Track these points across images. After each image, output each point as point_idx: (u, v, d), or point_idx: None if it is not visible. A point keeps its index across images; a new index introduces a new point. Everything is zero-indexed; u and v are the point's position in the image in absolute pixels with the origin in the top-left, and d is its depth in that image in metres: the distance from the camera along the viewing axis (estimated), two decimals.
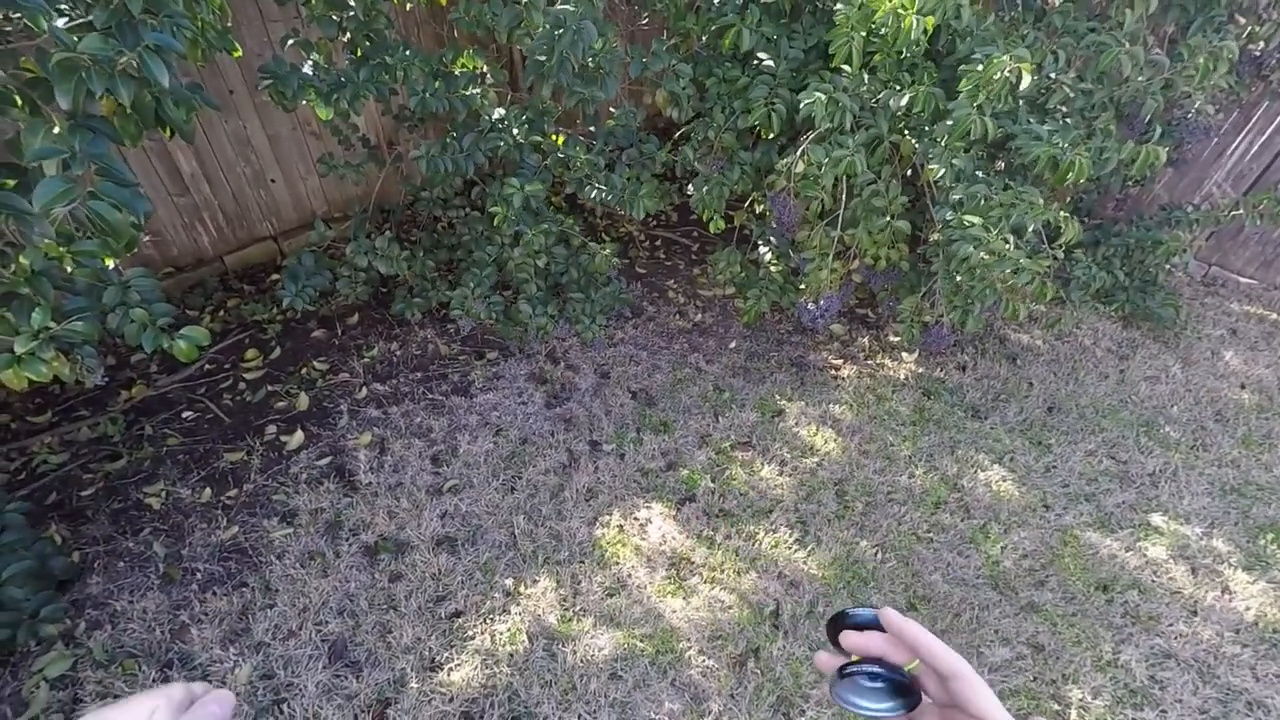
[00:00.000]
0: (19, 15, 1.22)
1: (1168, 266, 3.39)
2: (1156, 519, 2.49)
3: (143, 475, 2.39)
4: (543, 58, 2.15)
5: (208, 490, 2.36)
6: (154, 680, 1.83)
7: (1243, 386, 3.13)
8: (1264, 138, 3.44)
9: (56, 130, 1.33)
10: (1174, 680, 2.01)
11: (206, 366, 2.85)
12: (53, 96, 1.26)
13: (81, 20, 1.29)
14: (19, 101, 1.35)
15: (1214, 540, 2.42)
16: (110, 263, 1.72)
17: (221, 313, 3.11)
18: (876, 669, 0.50)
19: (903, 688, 0.49)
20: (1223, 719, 1.93)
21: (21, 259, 1.45)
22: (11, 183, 1.45)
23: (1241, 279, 3.85)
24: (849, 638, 0.52)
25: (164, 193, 2.95)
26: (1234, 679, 2.02)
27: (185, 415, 2.63)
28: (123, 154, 2.70)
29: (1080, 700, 1.95)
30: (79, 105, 1.26)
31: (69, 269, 1.58)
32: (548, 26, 2.07)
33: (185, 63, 2.46)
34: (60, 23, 1.27)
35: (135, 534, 2.21)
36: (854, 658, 0.52)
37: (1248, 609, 2.21)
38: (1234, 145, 3.54)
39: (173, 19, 1.37)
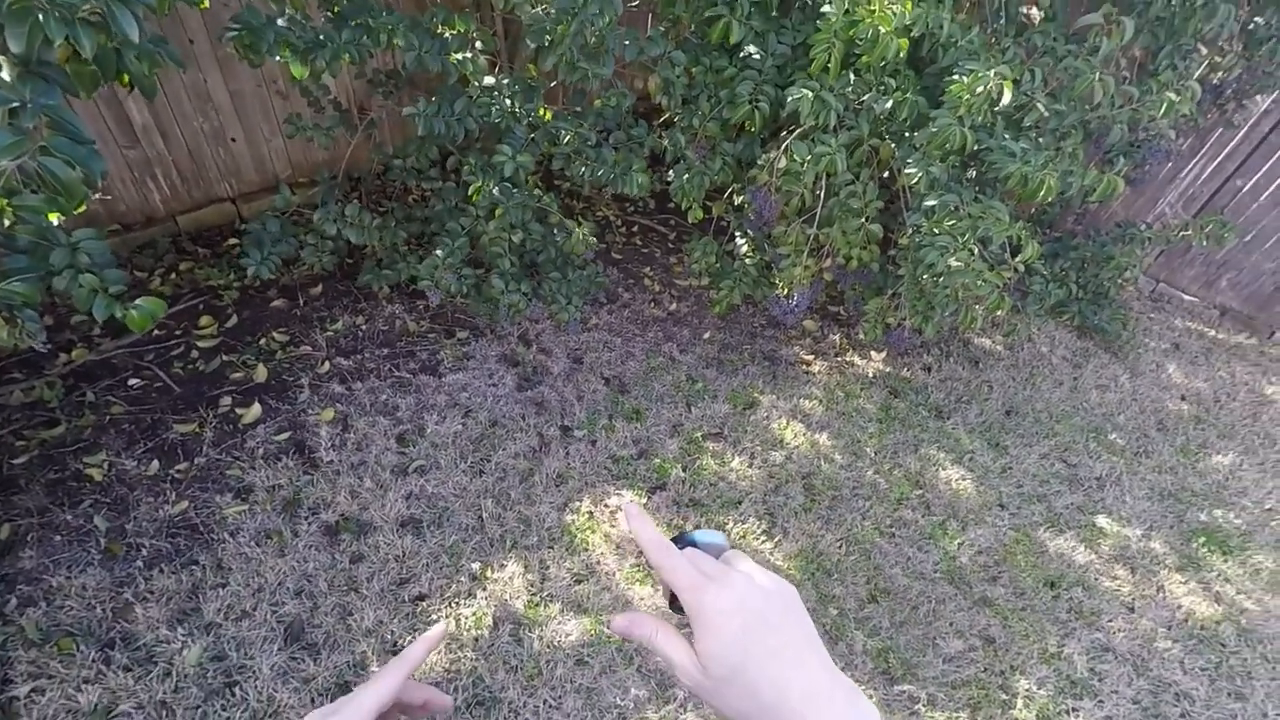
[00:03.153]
0: None
1: (1120, 281, 3.54)
2: (1101, 520, 2.62)
3: (83, 444, 2.25)
4: (550, 26, 2.08)
5: (155, 463, 2.24)
6: (94, 660, 1.73)
7: (1183, 398, 3.32)
8: (1215, 164, 3.62)
9: (5, 76, 1.21)
10: (1111, 672, 2.12)
11: (156, 332, 2.69)
12: (2, 38, 1.15)
13: None
14: None
15: (1152, 542, 2.56)
16: (55, 219, 1.60)
17: (173, 276, 2.94)
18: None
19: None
20: (1154, 709, 2.05)
21: None
22: None
23: (1185, 296, 4.07)
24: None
25: (113, 144, 2.76)
26: (1165, 672, 2.15)
27: (131, 383, 2.48)
28: (68, 100, 2.51)
29: (1026, 690, 2.04)
30: (33, 52, 1.15)
31: (7, 223, 1.46)
32: None
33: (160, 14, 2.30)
34: None
35: (74, 506, 2.08)
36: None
37: (1179, 607, 2.35)
38: (1188, 168, 3.72)
39: None
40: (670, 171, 2.86)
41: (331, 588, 1.99)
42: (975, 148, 2.50)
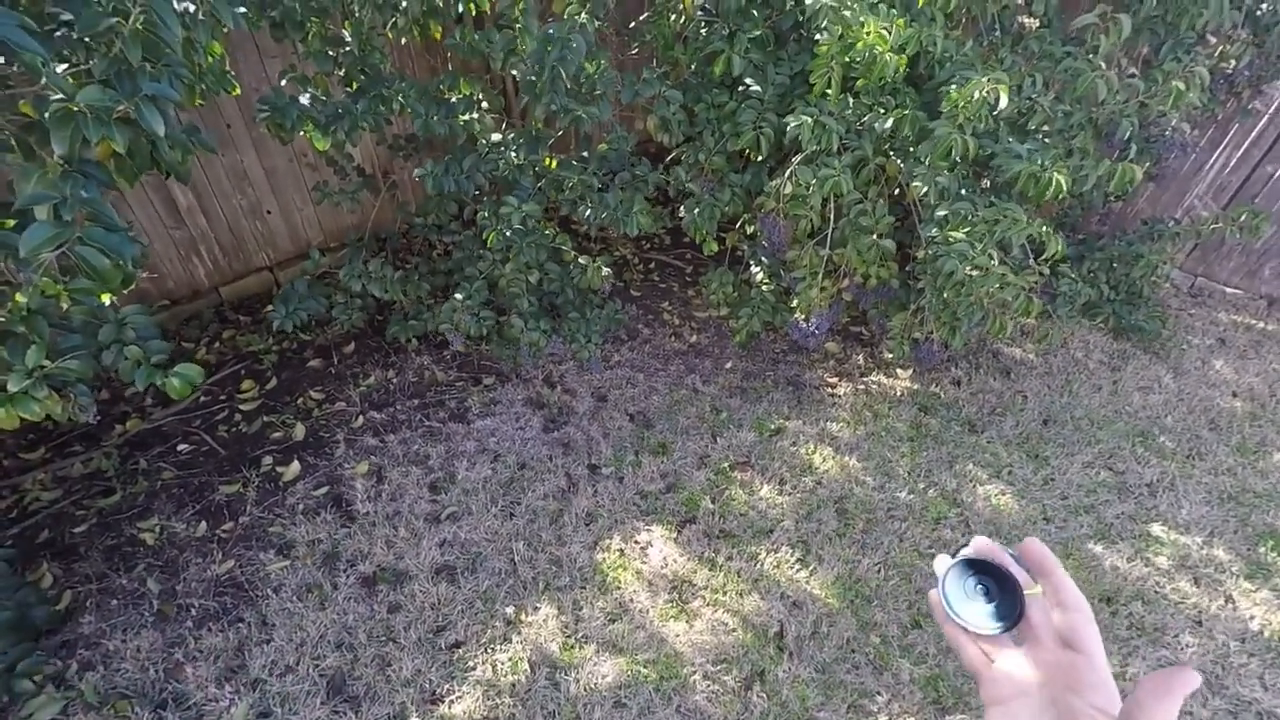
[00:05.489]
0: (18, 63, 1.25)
1: (1153, 279, 3.43)
2: (1156, 529, 2.49)
3: (137, 510, 2.36)
4: (534, 77, 2.20)
5: (203, 524, 2.33)
6: None
7: (1234, 395, 3.16)
8: (1240, 152, 3.52)
9: (49, 175, 1.34)
10: None
11: (202, 399, 2.84)
12: (49, 141, 1.27)
13: (82, 67, 1.31)
14: (15, 146, 1.37)
15: (1214, 549, 2.42)
16: (107, 299, 1.73)
17: (217, 344, 3.10)
18: (994, 571, 0.48)
19: (1006, 603, 0.47)
20: None
21: (19, 297, 1.46)
22: (11, 223, 1.46)
23: (1227, 289, 3.91)
24: (980, 541, 0.51)
25: (160, 226, 2.97)
26: (1243, 689, 2.00)
27: (180, 448, 2.61)
28: (120, 191, 2.72)
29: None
30: (74, 152, 1.27)
31: (65, 306, 1.58)
32: (538, 44, 2.12)
33: (187, 105, 2.51)
34: (61, 68, 1.29)
35: (129, 570, 2.18)
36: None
37: (1252, 618, 2.20)
38: (1212, 160, 3.62)
39: (171, 68, 1.39)
40: (682, 208, 2.93)
41: (371, 639, 2.02)
42: (982, 154, 2.50)
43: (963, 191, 2.50)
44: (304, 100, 2.21)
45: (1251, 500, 2.62)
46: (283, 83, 2.34)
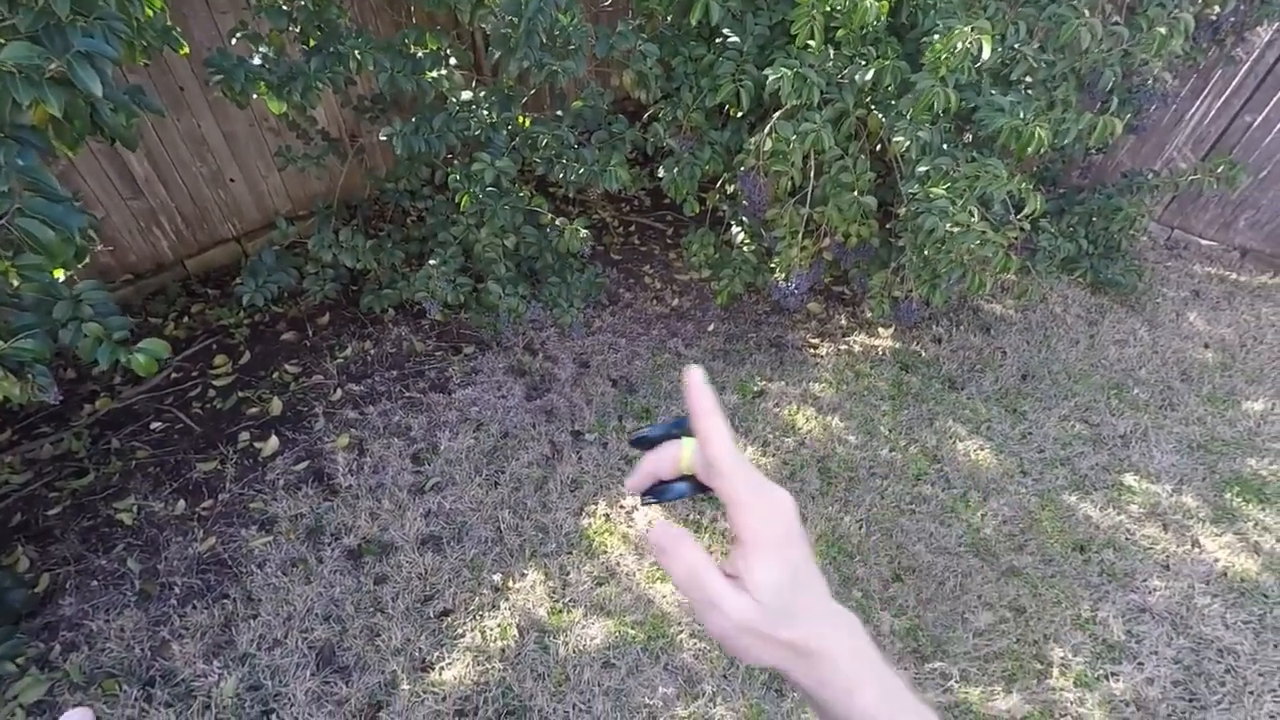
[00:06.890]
0: None
1: (1131, 233, 3.45)
2: (1129, 479, 2.55)
3: (112, 490, 2.32)
4: (508, 30, 2.10)
5: (181, 502, 2.30)
6: (136, 699, 1.79)
7: (1206, 346, 3.22)
8: (1221, 101, 3.50)
9: None
10: (1149, 634, 2.07)
11: (173, 375, 2.77)
12: None
13: (6, 23, 1.21)
14: None
15: (1183, 496, 2.49)
16: (60, 275, 1.65)
17: (186, 319, 3.01)
18: (666, 488, 0.50)
19: (689, 483, 0.50)
20: (1196, 667, 2.00)
21: None
22: None
23: (1203, 241, 3.94)
24: (644, 467, 0.51)
25: (116, 197, 2.84)
26: (1205, 629, 2.09)
27: (153, 426, 2.56)
28: (70, 159, 2.59)
29: (1061, 659, 2.00)
30: (6, 116, 1.19)
31: (15, 284, 1.51)
32: None
33: (129, 63, 2.36)
34: None
35: (107, 551, 2.15)
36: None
37: (1216, 561, 2.29)
38: (1193, 110, 3.60)
39: (105, 21, 1.29)
40: (661, 167, 2.86)
41: (358, 610, 2.03)
42: (965, 107, 2.46)
43: (944, 146, 2.46)
44: (255, 60, 2.09)
45: (1220, 448, 2.69)
46: (233, 41, 2.21)
